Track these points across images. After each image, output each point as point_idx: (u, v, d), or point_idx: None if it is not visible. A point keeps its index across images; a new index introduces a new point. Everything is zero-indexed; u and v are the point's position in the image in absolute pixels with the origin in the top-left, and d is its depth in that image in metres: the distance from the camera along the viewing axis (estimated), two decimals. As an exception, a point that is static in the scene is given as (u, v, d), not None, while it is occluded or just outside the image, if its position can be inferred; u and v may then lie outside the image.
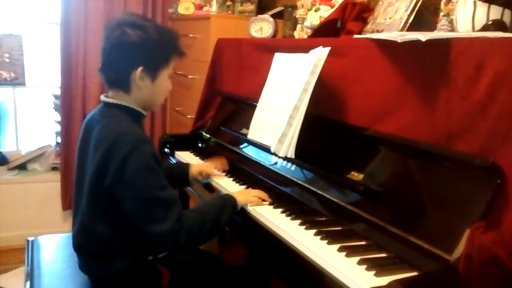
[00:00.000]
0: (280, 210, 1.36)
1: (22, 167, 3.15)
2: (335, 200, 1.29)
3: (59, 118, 3.08)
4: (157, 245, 1.32)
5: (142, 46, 1.30)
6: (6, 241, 2.95)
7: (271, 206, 1.39)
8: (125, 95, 1.35)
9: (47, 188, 3.10)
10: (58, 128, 3.11)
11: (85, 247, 1.38)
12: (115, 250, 1.34)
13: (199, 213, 1.33)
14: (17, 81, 3.07)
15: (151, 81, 1.35)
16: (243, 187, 1.59)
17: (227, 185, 1.63)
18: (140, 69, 1.31)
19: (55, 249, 1.65)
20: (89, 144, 1.33)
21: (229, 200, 1.40)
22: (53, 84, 3.17)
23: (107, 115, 1.35)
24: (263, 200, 1.42)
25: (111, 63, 1.34)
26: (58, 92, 3.02)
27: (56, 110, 3.15)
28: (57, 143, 3.21)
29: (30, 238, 1.71)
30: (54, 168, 3.17)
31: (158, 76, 1.36)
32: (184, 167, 1.72)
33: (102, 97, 1.39)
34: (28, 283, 1.44)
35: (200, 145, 2.16)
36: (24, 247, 1.67)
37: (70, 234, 1.43)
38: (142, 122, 1.42)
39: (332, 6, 1.88)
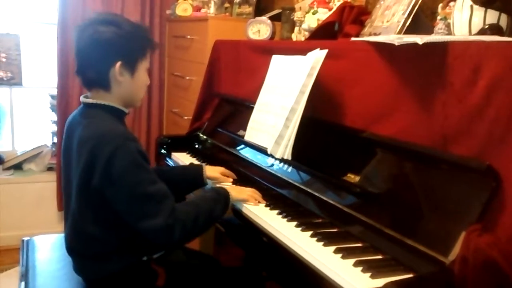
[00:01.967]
0: (276, 211, 1.36)
1: (17, 167, 3.14)
2: (332, 202, 1.29)
3: (55, 118, 3.07)
4: (152, 240, 1.30)
5: (118, 40, 1.29)
6: (1, 241, 2.94)
7: (268, 208, 1.39)
8: (105, 93, 1.34)
9: (43, 188, 3.08)
10: (55, 128, 3.11)
11: (78, 249, 1.38)
12: (108, 251, 1.33)
13: (192, 206, 1.32)
14: (13, 81, 3.06)
15: (131, 75, 1.34)
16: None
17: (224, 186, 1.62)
18: (118, 64, 1.30)
19: (50, 250, 1.65)
20: (72, 147, 1.32)
21: (223, 193, 1.40)
22: (50, 84, 3.16)
23: (88, 116, 1.33)
24: (259, 202, 1.42)
25: (88, 63, 1.32)
26: (54, 92, 3.02)
27: (52, 110, 3.14)
28: (53, 143, 3.20)
29: (25, 238, 1.70)
30: (50, 168, 3.16)
31: (137, 70, 1.35)
32: (198, 168, 1.66)
33: (82, 98, 1.38)
34: (22, 283, 1.44)
35: (197, 146, 2.15)
36: (19, 247, 1.66)
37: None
38: (124, 120, 1.41)
39: (330, 9, 1.89)
